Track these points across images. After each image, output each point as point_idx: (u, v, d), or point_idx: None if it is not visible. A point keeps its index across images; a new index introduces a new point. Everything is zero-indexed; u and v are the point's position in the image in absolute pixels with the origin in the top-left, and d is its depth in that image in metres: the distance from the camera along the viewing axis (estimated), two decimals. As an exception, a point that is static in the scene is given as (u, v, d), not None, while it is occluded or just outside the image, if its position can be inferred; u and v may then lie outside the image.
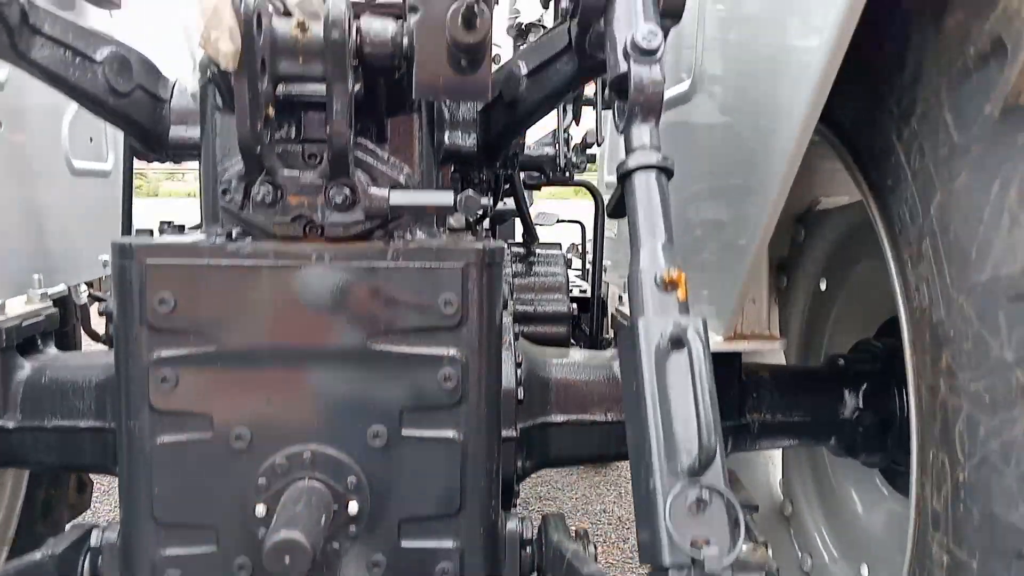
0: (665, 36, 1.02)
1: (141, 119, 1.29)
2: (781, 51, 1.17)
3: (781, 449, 2.00)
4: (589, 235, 2.34)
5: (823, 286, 1.81)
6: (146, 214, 2.22)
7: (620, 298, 1.90)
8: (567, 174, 2.09)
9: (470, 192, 1.16)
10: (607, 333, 2.05)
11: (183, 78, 1.26)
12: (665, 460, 0.84)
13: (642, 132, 0.99)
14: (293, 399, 1.19)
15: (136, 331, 1.17)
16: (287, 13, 1.07)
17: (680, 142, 1.52)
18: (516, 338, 1.47)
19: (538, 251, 1.83)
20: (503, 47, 2.25)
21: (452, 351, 1.19)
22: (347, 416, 1.19)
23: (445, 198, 1.15)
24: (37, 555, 1.24)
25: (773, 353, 1.77)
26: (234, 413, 1.18)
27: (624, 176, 0.97)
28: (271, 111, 1.10)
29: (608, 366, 1.55)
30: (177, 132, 1.31)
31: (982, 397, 0.91)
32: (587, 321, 2.07)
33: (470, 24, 1.00)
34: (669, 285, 0.90)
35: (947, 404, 0.98)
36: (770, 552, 1.39)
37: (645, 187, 0.96)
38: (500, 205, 2.04)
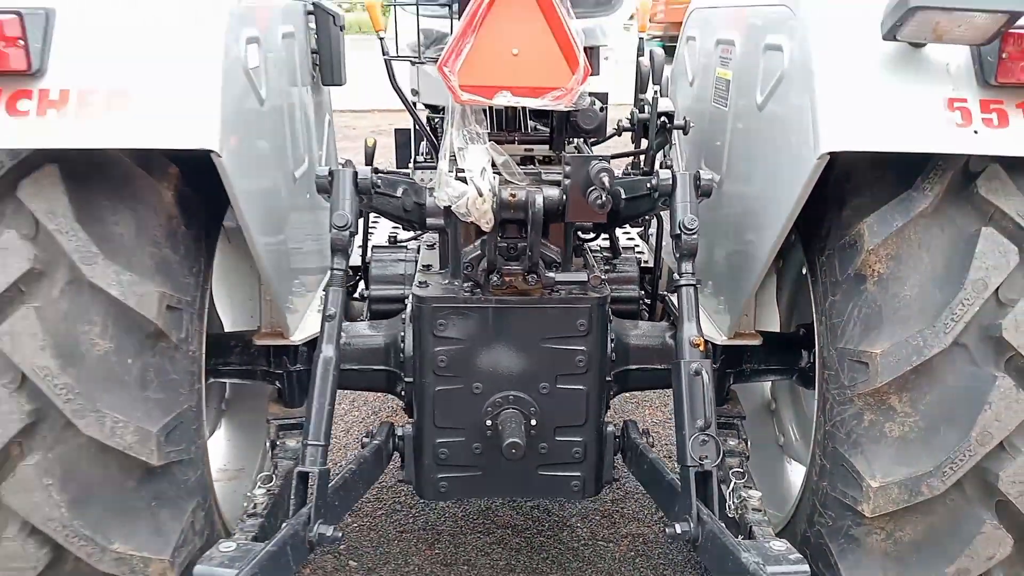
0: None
1: (413, 218, 2.38)
2: (778, 167, 2.14)
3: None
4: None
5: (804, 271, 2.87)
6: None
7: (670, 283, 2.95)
8: None
9: (596, 272, 2.26)
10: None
11: (440, 195, 2.30)
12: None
13: (687, 265, 2.07)
14: (503, 370, 2.34)
15: (427, 336, 2.31)
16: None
17: (714, 206, 2.54)
18: (610, 320, 2.58)
19: (620, 255, 2.94)
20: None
21: (583, 346, 2.32)
22: (530, 377, 2.34)
23: (581, 277, 2.25)
24: (374, 441, 2.44)
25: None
26: (474, 375, 2.34)
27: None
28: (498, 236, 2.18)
29: (660, 335, 2.67)
30: (430, 222, 2.39)
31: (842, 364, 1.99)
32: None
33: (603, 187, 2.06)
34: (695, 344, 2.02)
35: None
36: (746, 438, 2.54)
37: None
38: None
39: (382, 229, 3.52)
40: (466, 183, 2.13)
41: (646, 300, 2.95)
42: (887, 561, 1.95)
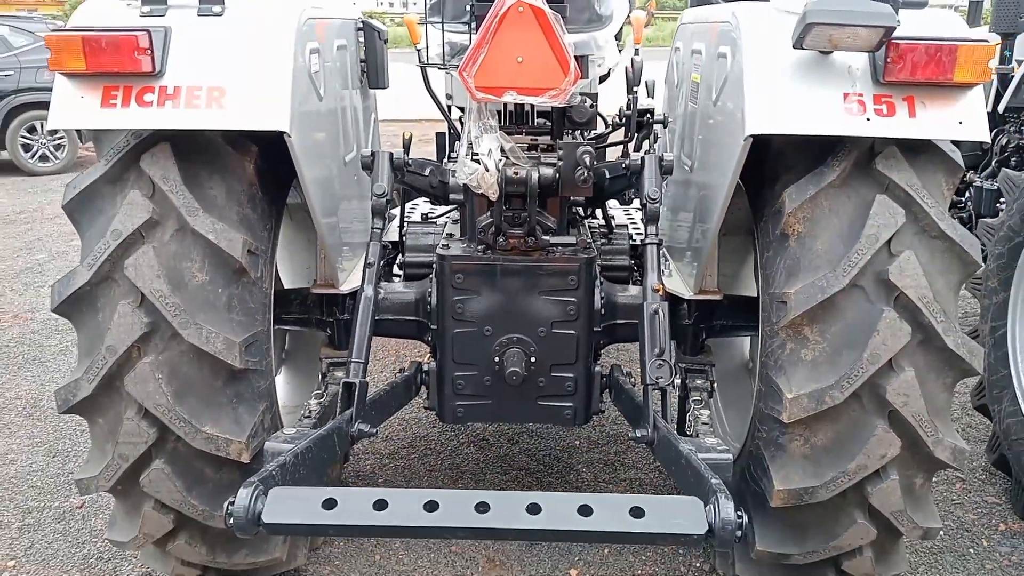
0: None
1: (438, 192, 2.96)
2: (721, 148, 2.64)
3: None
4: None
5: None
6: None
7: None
8: None
9: (583, 238, 2.80)
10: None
11: (459, 174, 2.86)
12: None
13: (651, 228, 2.59)
14: (508, 316, 2.88)
15: (447, 287, 2.87)
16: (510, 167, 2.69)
17: (685, 185, 3.06)
18: (601, 282, 3.11)
19: (614, 231, 3.47)
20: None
21: (574, 298, 2.86)
22: (530, 322, 2.88)
23: (570, 240, 2.79)
24: (405, 374, 3.01)
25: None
26: (485, 320, 2.88)
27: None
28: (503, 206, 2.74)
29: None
30: (452, 197, 2.95)
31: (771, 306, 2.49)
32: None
33: (586, 166, 2.60)
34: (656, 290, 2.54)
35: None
36: (713, 380, 3.06)
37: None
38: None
39: (417, 212, 4.10)
40: (478, 163, 2.70)
41: (637, 272, 3.47)
42: (805, 462, 2.44)
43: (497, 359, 2.89)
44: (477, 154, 2.72)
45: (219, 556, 2.66)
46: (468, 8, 3.08)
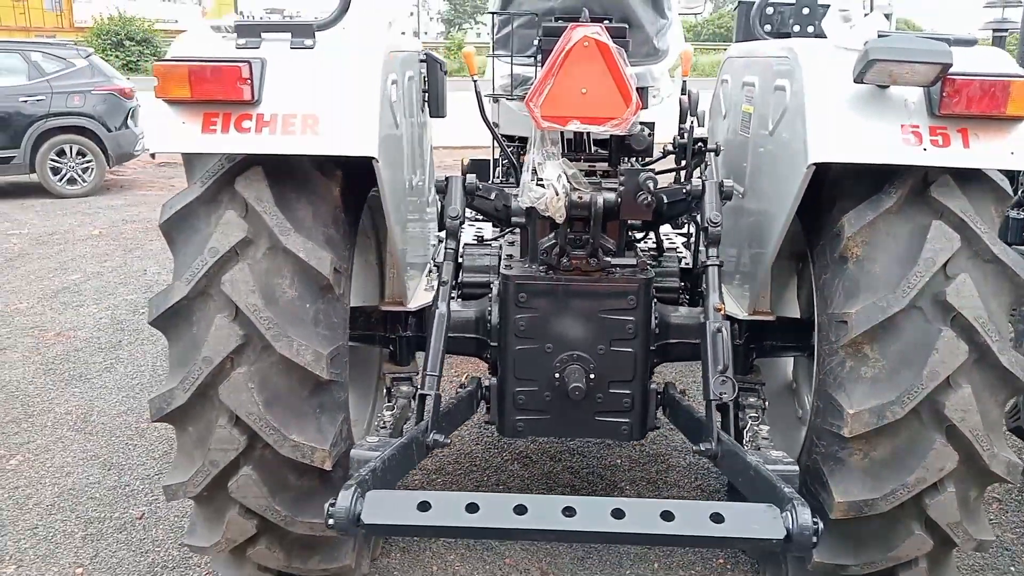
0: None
1: (502, 216, 3.10)
2: (779, 176, 2.78)
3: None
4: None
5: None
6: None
7: None
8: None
9: (643, 260, 2.94)
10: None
11: (523, 198, 2.99)
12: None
13: (713, 251, 2.73)
14: (569, 333, 3.00)
15: (511, 305, 3.00)
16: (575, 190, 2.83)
17: (738, 213, 3.20)
18: (654, 299, 3.23)
19: (665, 254, 3.61)
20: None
21: (632, 317, 2.98)
22: (590, 340, 3.00)
23: (631, 261, 2.93)
24: (467, 388, 3.12)
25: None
26: (546, 338, 3.01)
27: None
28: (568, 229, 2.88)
29: (695, 316, 3.31)
30: (514, 220, 3.09)
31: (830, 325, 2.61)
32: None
33: (649, 191, 2.74)
34: (718, 309, 2.67)
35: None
36: (765, 399, 3.17)
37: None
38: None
39: (466, 234, 4.25)
40: (544, 188, 2.84)
41: (685, 294, 3.60)
42: (864, 475, 2.54)
43: (557, 375, 3.01)
44: (542, 179, 2.86)
45: (295, 561, 2.76)
46: (535, 43, 3.24)
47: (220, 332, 2.41)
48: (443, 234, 4.43)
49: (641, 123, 2.98)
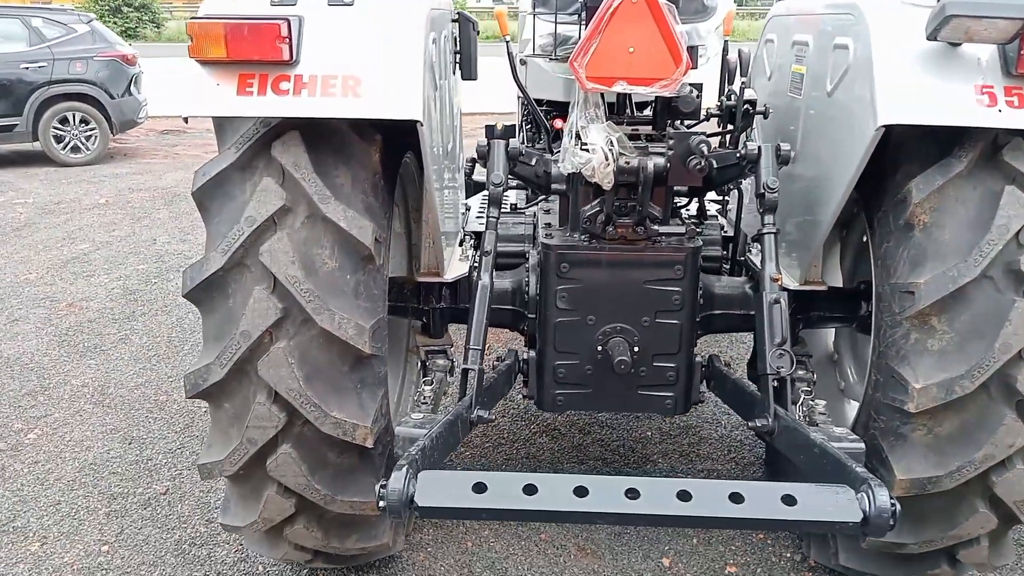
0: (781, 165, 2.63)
1: (542, 183, 2.97)
2: (840, 140, 2.65)
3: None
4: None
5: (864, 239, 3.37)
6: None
7: (748, 246, 3.48)
8: None
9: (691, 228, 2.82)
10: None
11: (562, 165, 2.87)
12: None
13: (769, 218, 2.61)
14: (613, 305, 2.89)
15: (551, 276, 2.88)
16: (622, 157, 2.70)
17: (788, 178, 3.06)
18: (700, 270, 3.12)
19: (708, 223, 3.48)
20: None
21: (679, 288, 2.87)
22: (634, 312, 2.89)
23: (679, 230, 2.81)
24: (505, 362, 3.02)
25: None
26: (589, 310, 2.90)
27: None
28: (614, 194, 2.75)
29: (739, 287, 3.20)
30: (555, 187, 2.97)
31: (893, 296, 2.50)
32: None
33: (701, 156, 2.62)
34: (775, 279, 2.55)
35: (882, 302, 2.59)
36: (813, 371, 3.07)
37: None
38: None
39: (472, 202, 4.11)
40: (590, 152, 2.71)
41: (726, 262, 3.48)
42: (928, 452, 2.45)
43: (600, 348, 2.90)
44: (586, 144, 2.73)
45: (332, 541, 2.68)
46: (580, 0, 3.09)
47: (258, 305, 2.30)
48: (471, 201, 4.33)
49: (689, 84, 2.84)
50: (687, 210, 3.50)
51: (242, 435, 2.39)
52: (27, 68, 11.29)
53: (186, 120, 2.35)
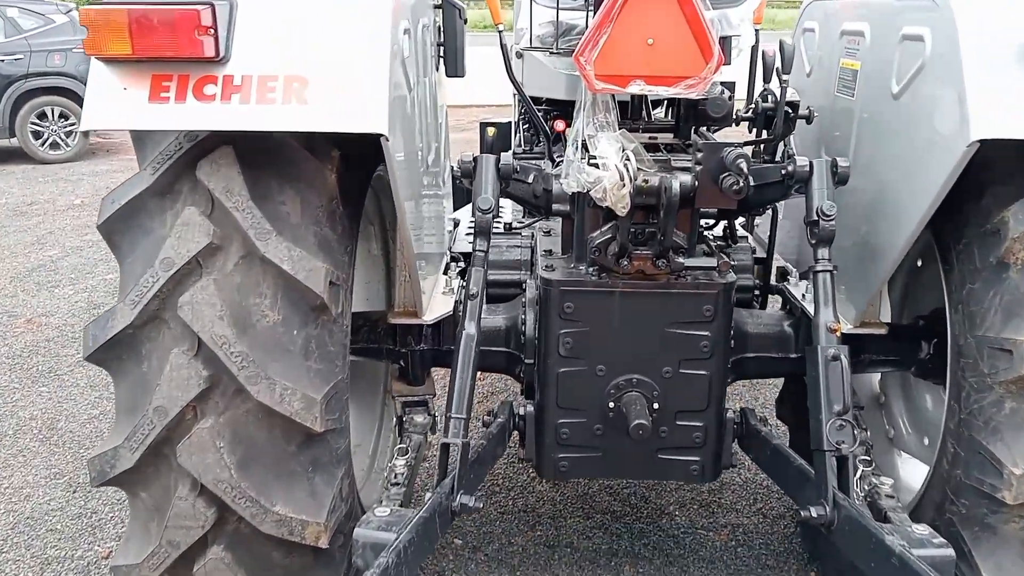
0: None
1: (540, 203, 2.45)
2: (916, 153, 2.14)
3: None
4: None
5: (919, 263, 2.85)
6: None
7: (785, 276, 2.96)
8: None
9: (724, 258, 2.30)
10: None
11: (565, 183, 2.36)
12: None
13: (823, 251, 2.10)
14: (627, 352, 2.39)
15: (553, 318, 2.38)
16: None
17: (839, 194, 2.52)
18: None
19: (737, 247, 2.96)
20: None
21: (708, 331, 2.36)
22: (654, 361, 2.39)
23: (710, 263, 2.30)
24: (497, 419, 2.52)
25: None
26: (598, 358, 2.39)
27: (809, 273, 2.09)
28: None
29: (777, 323, 2.69)
30: (556, 208, 2.45)
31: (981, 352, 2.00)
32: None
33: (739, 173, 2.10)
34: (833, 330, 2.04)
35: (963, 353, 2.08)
36: (866, 428, 2.54)
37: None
38: None
39: (460, 215, 3.58)
40: (600, 169, 2.19)
41: (757, 291, 2.97)
42: (1024, 550, 1.95)
43: (612, 404, 2.40)
44: (595, 157, 2.22)
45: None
46: None
47: (177, 373, 1.80)
48: (460, 214, 3.81)
49: (720, 83, 2.32)
50: (712, 232, 2.98)
51: (161, 535, 1.88)
52: (2, 61, 10.77)
53: (86, 135, 1.83)
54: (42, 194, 9.41)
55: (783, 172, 2.23)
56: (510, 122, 5.02)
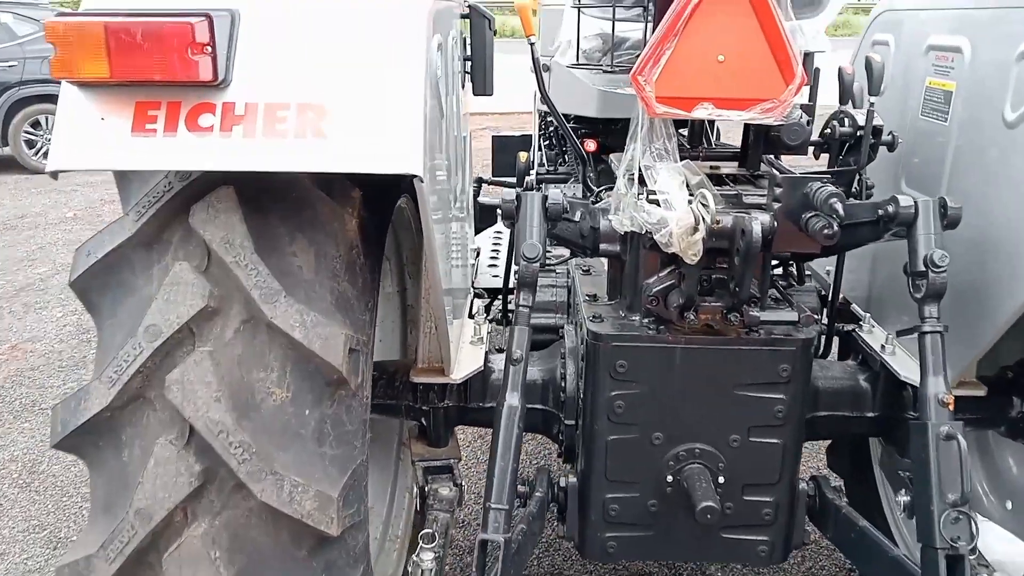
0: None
1: (587, 244, 2.12)
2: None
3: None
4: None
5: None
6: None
7: (853, 318, 2.62)
8: None
9: (806, 311, 1.98)
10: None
11: (616, 220, 2.03)
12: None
13: (932, 309, 1.77)
14: (689, 418, 2.07)
15: (603, 377, 2.05)
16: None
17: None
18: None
19: (803, 288, 2.63)
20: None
21: (783, 395, 2.04)
22: (719, 429, 2.06)
23: (791, 316, 1.97)
24: (536, 493, 2.19)
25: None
26: (655, 424, 2.07)
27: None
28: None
29: (850, 377, 2.36)
30: (604, 248, 2.12)
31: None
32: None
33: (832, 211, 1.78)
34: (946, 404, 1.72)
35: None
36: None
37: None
38: None
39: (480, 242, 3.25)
40: (658, 206, 1.87)
41: (823, 336, 2.64)
42: None
43: (670, 478, 2.08)
44: (653, 193, 1.90)
45: None
46: None
47: (164, 468, 1.46)
48: (481, 239, 3.48)
49: (800, 106, 2.00)
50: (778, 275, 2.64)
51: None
52: (-5, 68, 10.47)
53: (55, 177, 1.50)
54: (34, 206, 9.10)
55: (880, 212, 1.91)
56: (526, 135, 4.70)
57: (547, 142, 4.26)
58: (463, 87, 2.53)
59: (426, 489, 2.26)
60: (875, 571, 2.05)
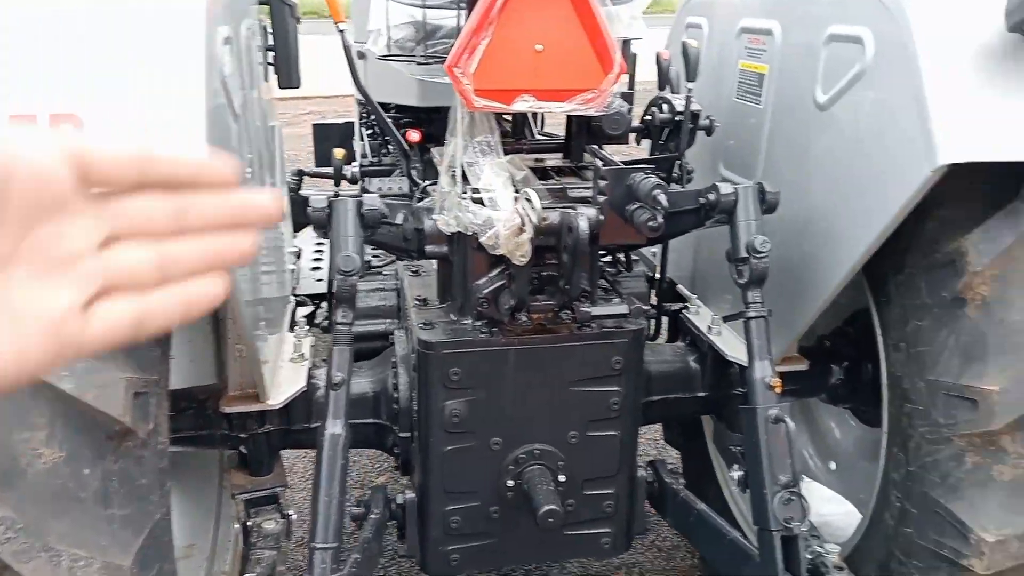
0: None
1: (412, 247, 1.98)
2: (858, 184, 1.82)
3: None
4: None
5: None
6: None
7: (678, 297, 2.64)
8: None
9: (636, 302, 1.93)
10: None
11: (440, 222, 1.90)
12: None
13: (755, 294, 1.77)
14: (527, 420, 1.98)
15: (436, 387, 1.93)
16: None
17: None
18: None
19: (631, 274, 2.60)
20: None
21: (618, 386, 2.00)
22: (556, 426, 2.00)
23: (622, 309, 1.92)
24: (371, 515, 2.04)
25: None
26: (493, 430, 1.97)
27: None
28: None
29: (679, 359, 2.37)
30: (430, 250, 1.99)
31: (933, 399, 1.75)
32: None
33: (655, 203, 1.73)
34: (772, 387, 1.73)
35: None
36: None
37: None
38: None
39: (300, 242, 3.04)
40: (484, 205, 1.76)
41: (651, 319, 2.64)
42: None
43: (511, 482, 1.99)
44: (477, 191, 1.79)
45: None
46: None
47: None
48: (300, 241, 3.24)
49: (620, 95, 1.94)
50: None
51: None
52: None
53: None
54: None
55: (702, 200, 1.89)
56: (349, 123, 4.46)
57: (370, 131, 4.04)
58: (266, 80, 2.31)
59: (249, 526, 2.05)
60: (713, 553, 2.07)
